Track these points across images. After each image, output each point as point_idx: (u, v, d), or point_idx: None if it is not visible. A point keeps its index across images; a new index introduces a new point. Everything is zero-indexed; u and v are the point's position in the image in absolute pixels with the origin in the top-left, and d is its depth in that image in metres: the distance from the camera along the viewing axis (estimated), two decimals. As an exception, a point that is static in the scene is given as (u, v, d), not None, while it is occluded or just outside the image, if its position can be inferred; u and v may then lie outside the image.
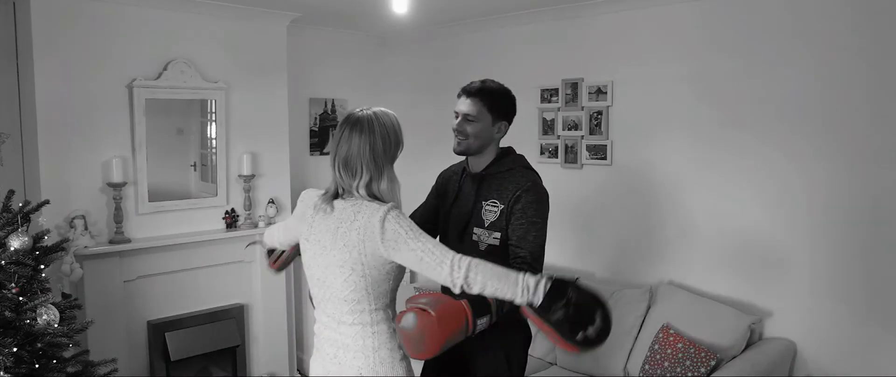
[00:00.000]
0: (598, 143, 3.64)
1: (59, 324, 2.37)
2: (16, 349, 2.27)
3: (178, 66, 3.52)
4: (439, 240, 2.04)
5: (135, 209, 3.46)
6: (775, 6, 2.98)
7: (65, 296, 2.72)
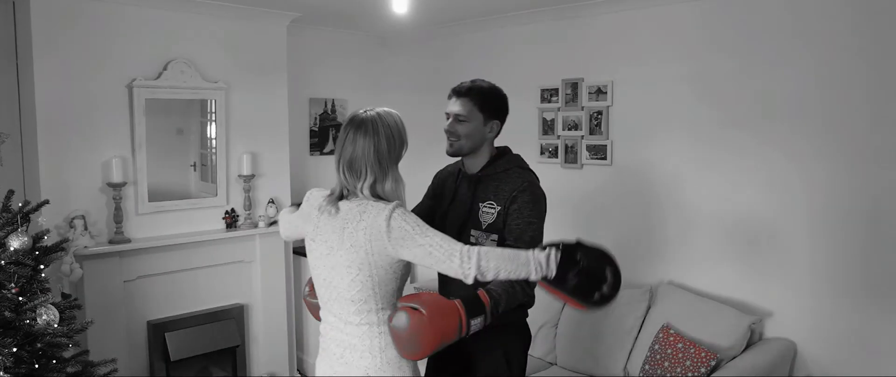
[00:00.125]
0: (598, 143, 3.64)
1: (58, 324, 2.37)
2: (15, 349, 2.26)
3: (178, 66, 3.52)
4: None
5: (135, 209, 3.46)
6: (775, 6, 2.98)
7: (65, 296, 2.71)
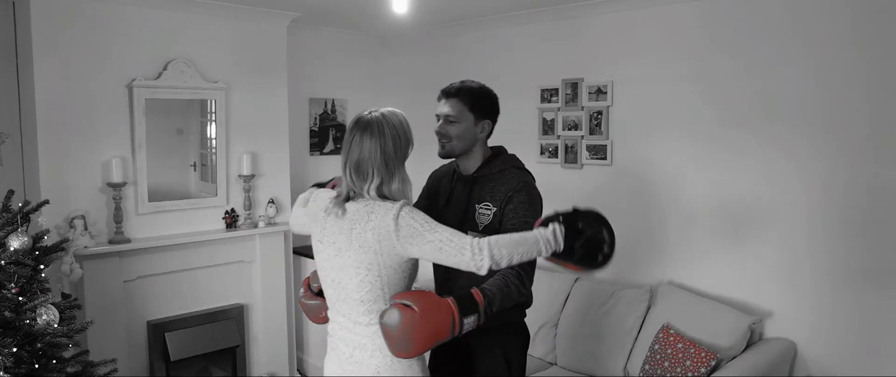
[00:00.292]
0: (598, 143, 3.64)
1: (58, 324, 2.37)
2: (15, 349, 2.26)
3: (177, 66, 3.52)
4: None
5: (135, 209, 3.46)
6: (775, 6, 2.97)
7: (64, 296, 2.71)
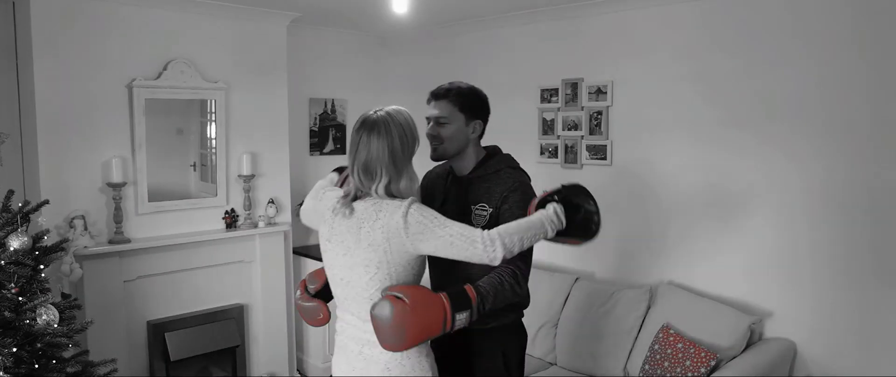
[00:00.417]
0: (598, 143, 3.64)
1: (58, 324, 2.37)
2: (15, 349, 2.26)
3: (177, 66, 3.52)
4: None
5: (134, 209, 3.46)
6: (775, 6, 2.97)
7: (64, 296, 2.71)
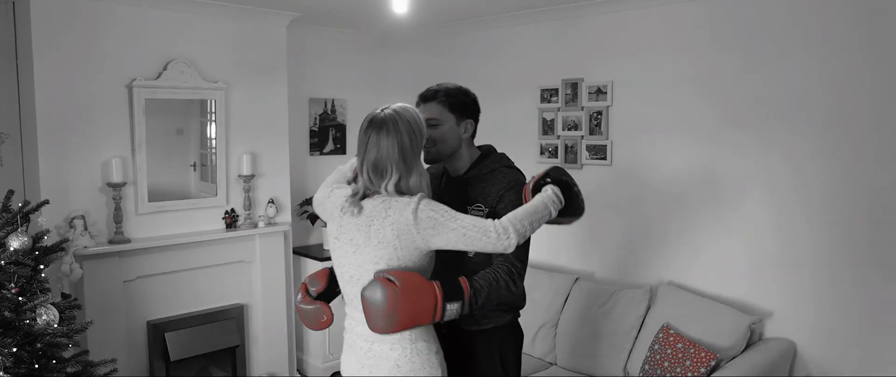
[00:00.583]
0: (598, 143, 3.64)
1: (58, 324, 2.37)
2: (15, 349, 2.27)
3: (177, 65, 3.52)
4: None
5: (134, 209, 3.46)
6: (775, 5, 2.97)
7: (64, 296, 2.72)
